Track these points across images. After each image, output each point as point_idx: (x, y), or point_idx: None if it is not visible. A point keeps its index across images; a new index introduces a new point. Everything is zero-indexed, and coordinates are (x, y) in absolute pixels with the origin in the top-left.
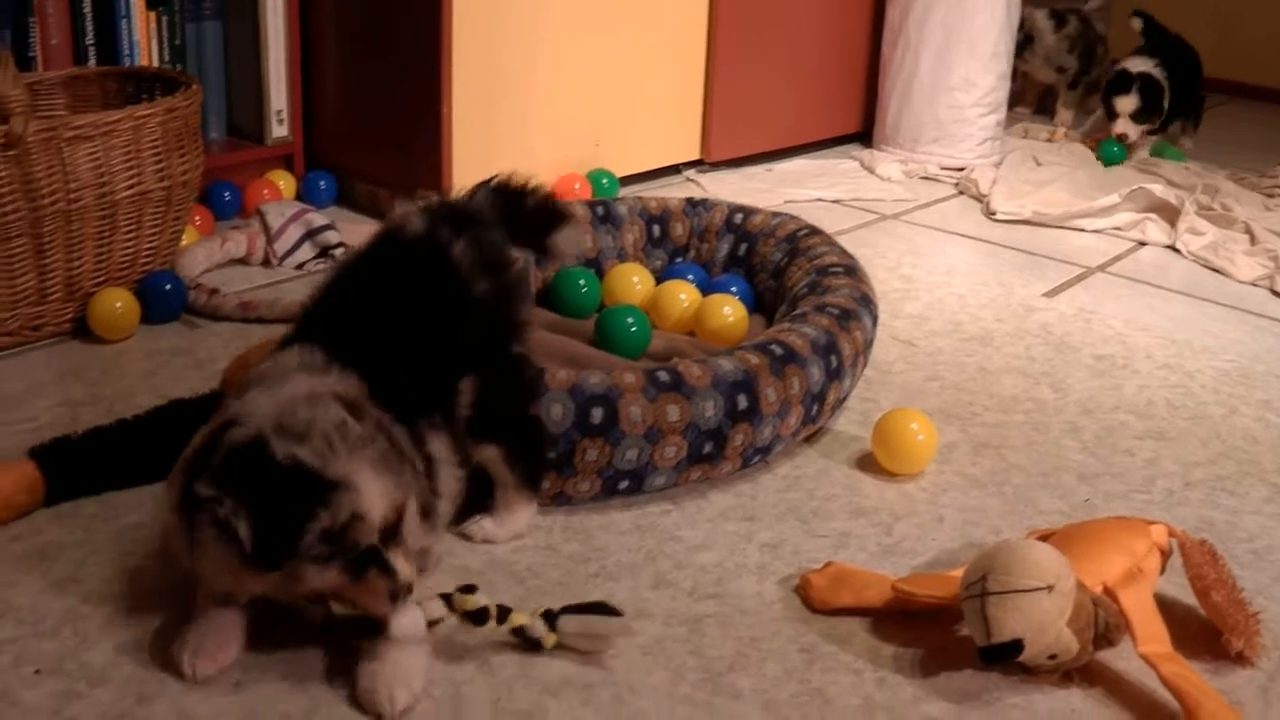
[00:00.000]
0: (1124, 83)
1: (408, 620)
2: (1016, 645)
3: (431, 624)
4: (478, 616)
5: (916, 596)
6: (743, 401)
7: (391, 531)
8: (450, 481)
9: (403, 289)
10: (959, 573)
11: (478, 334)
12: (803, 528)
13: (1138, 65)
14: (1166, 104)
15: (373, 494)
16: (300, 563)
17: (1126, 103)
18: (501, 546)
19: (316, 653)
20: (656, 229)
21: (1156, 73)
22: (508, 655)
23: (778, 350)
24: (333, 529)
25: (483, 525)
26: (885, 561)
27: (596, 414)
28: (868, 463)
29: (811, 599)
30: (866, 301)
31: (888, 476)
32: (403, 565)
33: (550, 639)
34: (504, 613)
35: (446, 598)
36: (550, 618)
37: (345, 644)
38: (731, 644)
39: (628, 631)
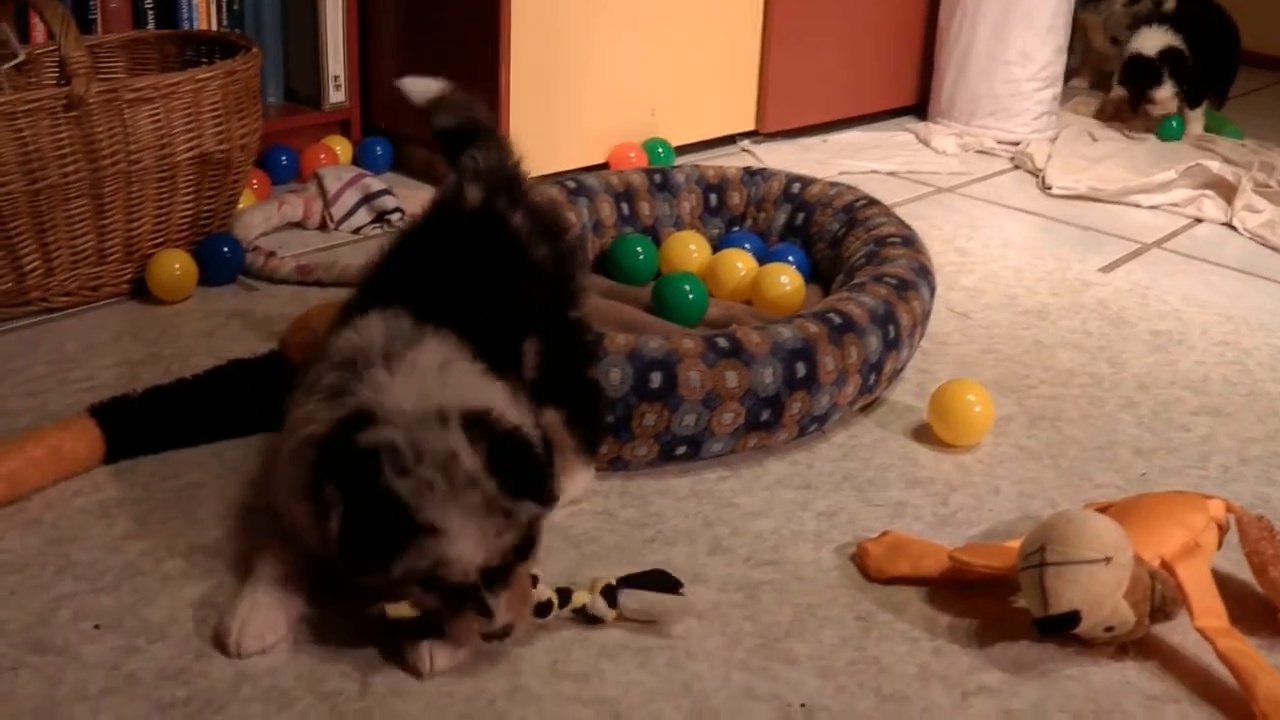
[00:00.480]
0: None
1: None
2: (1073, 617)
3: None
4: (541, 610)
5: (973, 566)
6: (801, 369)
7: (497, 573)
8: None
9: (469, 256)
10: (1016, 543)
11: (539, 298)
12: (859, 497)
13: (1149, 43)
14: (1188, 79)
15: (465, 542)
16: (395, 583)
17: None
18: (558, 511)
19: None
20: (714, 197)
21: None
22: (564, 618)
23: (836, 319)
24: (418, 568)
25: None
26: (941, 532)
27: (655, 379)
28: (924, 433)
29: (868, 567)
30: (924, 272)
31: (944, 447)
32: (503, 609)
33: (611, 615)
34: (565, 596)
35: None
36: (610, 593)
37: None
38: (788, 611)
39: (688, 608)
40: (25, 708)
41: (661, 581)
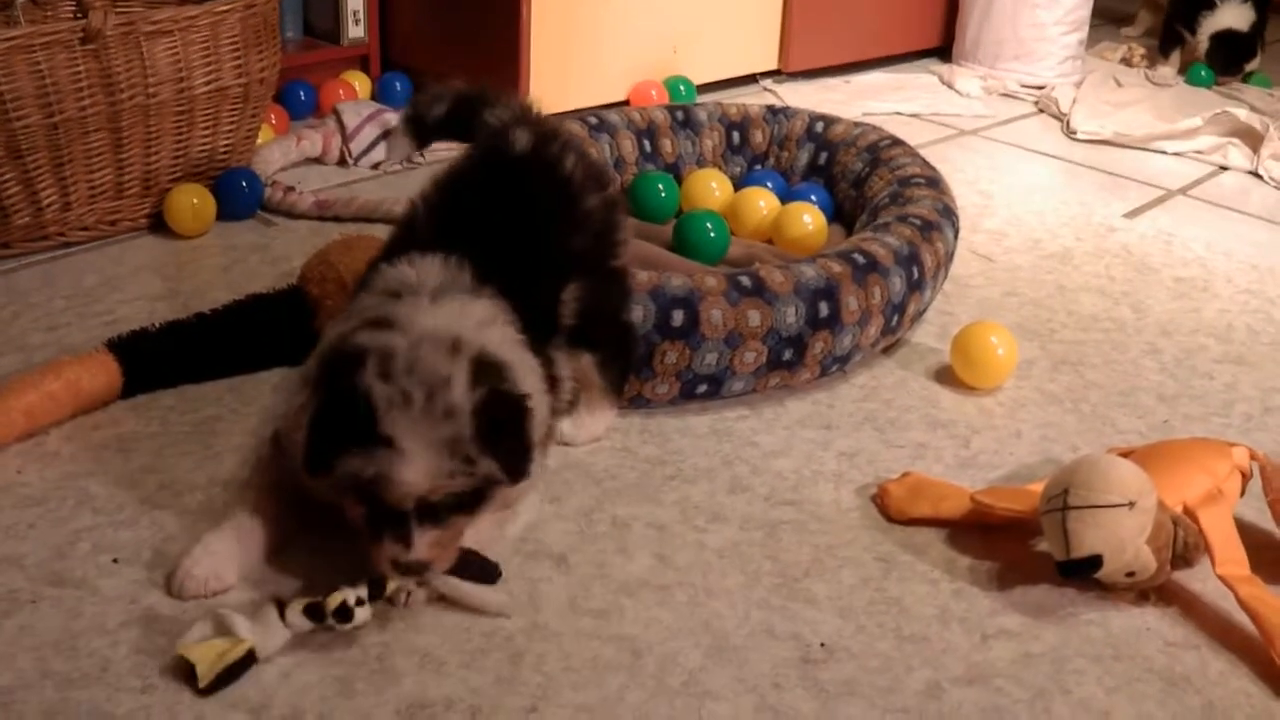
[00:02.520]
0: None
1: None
2: (1095, 561)
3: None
4: (342, 614)
5: (995, 509)
6: (824, 309)
7: (432, 510)
8: (566, 395)
9: (521, 202)
10: (1038, 487)
11: (585, 246)
12: (879, 438)
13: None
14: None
15: (413, 466)
16: (336, 485)
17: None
18: (579, 449)
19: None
20: (736, 136)
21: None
22: (584, 555)
23: (860, 259)
24: (361, 476)
25: (562, 427)
26: (962, 474)
27: (677, 316)
28: (945, 375)
29: (889, 508)
30: (949, 213)
31: (965, 390)
32: (424, 545)
33: (421, 594)
34: (376, 589)
35: (313, 609)
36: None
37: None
38: (808, 550)
39: (503, 614)
40: (44, 640)
41: (483, 571)
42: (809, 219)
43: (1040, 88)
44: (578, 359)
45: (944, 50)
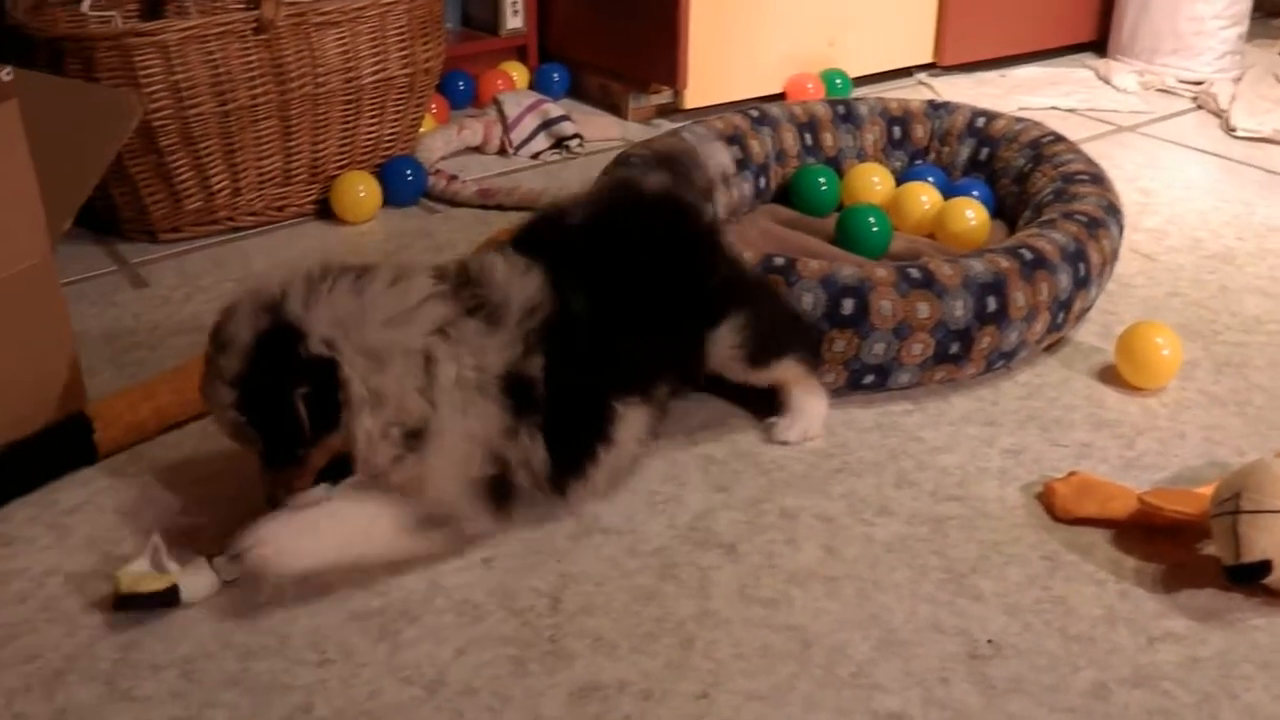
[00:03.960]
0: None
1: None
2: (1265, 566)
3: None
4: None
5: (1163, 511)
6: (992, 304)
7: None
8: (623, 458)
9: (658, 248)
10: (1206, 490)
11: (732, 278)
12: (1043, 436)
13: None
14: None
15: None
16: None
17: None
18: (744, 438)
19: (560, 528)
20: (897, 130)
21: None
22: (753, 544)
23: (1028, 255)
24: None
25: (779, 426)
26: (1126, 475)
27: (847, 305)
28: (1109, 375)
29: (1055, 507)
30: (1114, 211)
31: (1129, 390)
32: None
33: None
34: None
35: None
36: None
37: (590, 522)
38: (974, 547)
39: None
40: (226, 612)
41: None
42: (972, 215)
43: (1199, 83)
44: (773, 371)
45: (1099, 44)
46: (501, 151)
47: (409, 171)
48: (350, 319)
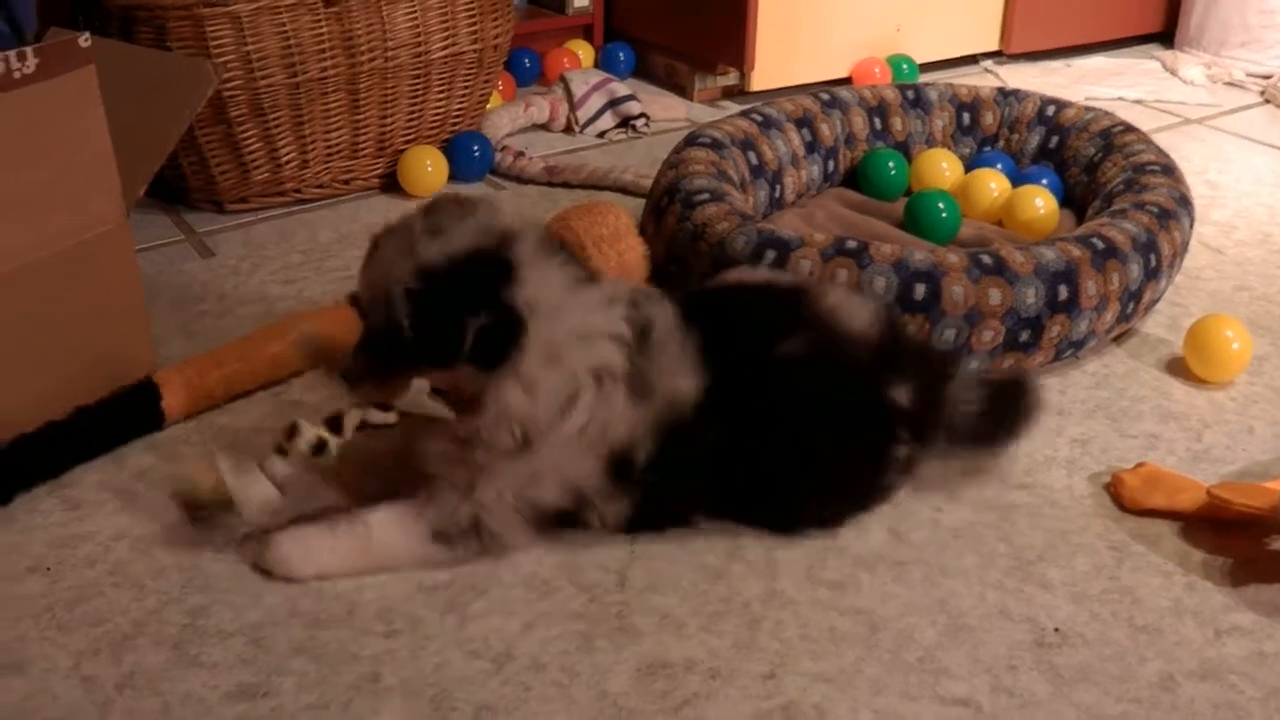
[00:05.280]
0: None
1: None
2: None
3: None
4: (319, 449)
5: (1232, 504)
6: (1063, 292)
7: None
8: None
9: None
10: (1275, 484)
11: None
12: (1112, 426)
13: None
14: None
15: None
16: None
17: None
18: None
19: None
20: (966, 116)
21: None
22: None
23: (1099, 244)
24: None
25: None
26: (1195, 467)
27: (919, 290)
28: (1176, 367)
29: (1123, 497)
30: (1185, 202)
31: (1197, 382)
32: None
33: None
34: (335, 424)
35: (282, 451)
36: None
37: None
38: (1041, 535)
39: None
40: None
41: None
42: (1041, 203)
43: (1267, 77)
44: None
45: (1166, 36)
46: (567, 129)
47: (476, 147)
48: (553, 306)
